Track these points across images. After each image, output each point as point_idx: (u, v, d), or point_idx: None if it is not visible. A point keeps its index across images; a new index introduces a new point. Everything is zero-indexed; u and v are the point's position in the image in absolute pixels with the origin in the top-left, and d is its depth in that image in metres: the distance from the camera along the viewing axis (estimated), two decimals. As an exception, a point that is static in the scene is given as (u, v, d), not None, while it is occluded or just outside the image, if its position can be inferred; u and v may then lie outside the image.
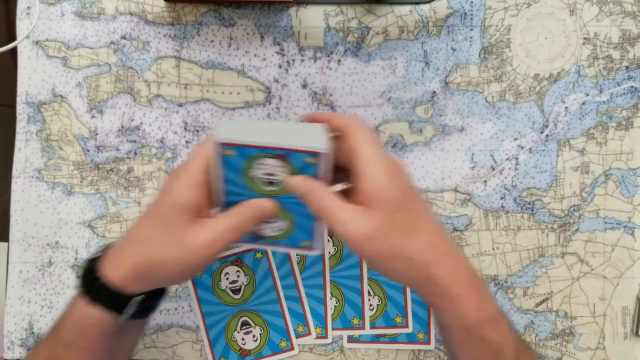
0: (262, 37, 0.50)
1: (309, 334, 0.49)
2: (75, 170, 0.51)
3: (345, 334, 0.49)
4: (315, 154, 0.37)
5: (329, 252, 0.50)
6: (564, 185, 0.50)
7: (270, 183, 0.38)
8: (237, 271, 0.49)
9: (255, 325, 0.49)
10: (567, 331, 0.50)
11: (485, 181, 0.50)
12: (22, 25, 0.50)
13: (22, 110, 0.50)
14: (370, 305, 0.49)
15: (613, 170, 0.50)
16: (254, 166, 0.37)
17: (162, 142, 0.51)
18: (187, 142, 0.51)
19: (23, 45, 0.50)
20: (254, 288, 0.49)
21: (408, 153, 0.50)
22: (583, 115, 0.50)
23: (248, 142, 0.37)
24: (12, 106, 0.51)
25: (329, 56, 0.50)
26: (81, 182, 0.51)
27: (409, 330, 0.49)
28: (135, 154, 0.51)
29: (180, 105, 0.51)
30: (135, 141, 0.51)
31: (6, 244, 0.51)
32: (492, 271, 0.50)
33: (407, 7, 0.50)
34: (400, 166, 0.38)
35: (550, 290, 0.50)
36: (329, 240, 0.50)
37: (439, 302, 0.36)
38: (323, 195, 0.36)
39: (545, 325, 0.50)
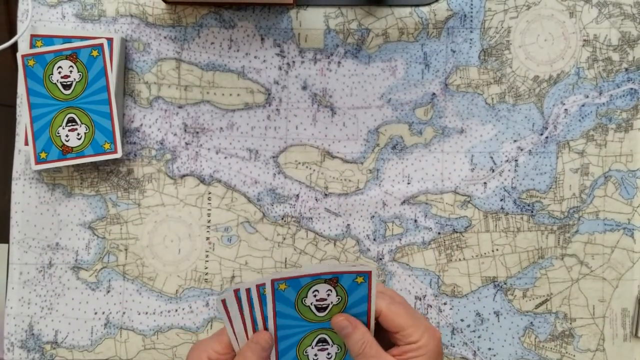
0: (262, 39, 0.51)
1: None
2: (75, 172, 0.51)
3: None
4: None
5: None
6: (563, 187, 0.50)
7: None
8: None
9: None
10: (567, 333, 0.50)
11: (484, 183, 0.50)
12: (23, 27, 0.50)
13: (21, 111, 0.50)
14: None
15: (612, 172, 0.50)
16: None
17: (161, 143, 0.51)
18: (186, 143, 0.51)
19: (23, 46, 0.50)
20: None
21: (408, 155, 0.51)
22: (582, 117, 0.50)
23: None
24: (12, 106, 0.51)
25: (329, 58, 0.50)
26: (81, 183, 0.51)
27: None
28: (135, 155, 0.51)
29: (180, 107, 0.51)
30: (135, 143, 0.51)
31: (6, 245, 0.51)
32: (491, 273, 0.50)
33: (407, 9, 0.50)
34: (438, 333, 0.40)
35: (550, 291, 0.50)
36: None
37: None
38: (365, 341, 0.39)
39: (544, 326, 0.50)
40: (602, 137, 0.50)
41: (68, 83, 0.48)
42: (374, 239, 0.50)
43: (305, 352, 0.42)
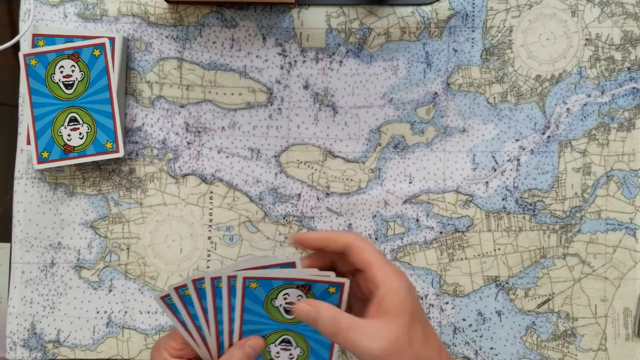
0: (264, 39, 0.51)
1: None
2: (77, 171, 0.51)
3: None
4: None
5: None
6: (565, 186, 0.50)
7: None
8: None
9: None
10: (569, 332, 0.50)
11: (486, 182, 0.50)
12: (25, 27, 0.50)
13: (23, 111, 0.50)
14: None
15: (615, 171, 0.50)
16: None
17: (163, 143, 0.51)
18: (188, 143, 0.51)
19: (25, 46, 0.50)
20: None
21: (409, 154, 0.50)
22: (585, 117, 0.50)
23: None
24: (14, 106, 0.51)
25: (330, 57, 0.50)
26: (83, 182, 0.51)
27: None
28: (137, 154, 0.51)
29: (182, 106, 0.51)
30: (137, 142, 0.51)
31: (9, 244, 0.51)
32: (493, 272, 0.50)
33: (409, 9, 0.50)
34: (407, 277, 0.40)
35: (552, 291, 0.50)
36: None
37: None
38: (334, 317, 0.37)
39: (546, 326, 0.50)
40: (604, 137, 0.50)
41: (70, 82, 0.49)
42: (376, 239, 0.50)
43: (268, 349, 0.42)
